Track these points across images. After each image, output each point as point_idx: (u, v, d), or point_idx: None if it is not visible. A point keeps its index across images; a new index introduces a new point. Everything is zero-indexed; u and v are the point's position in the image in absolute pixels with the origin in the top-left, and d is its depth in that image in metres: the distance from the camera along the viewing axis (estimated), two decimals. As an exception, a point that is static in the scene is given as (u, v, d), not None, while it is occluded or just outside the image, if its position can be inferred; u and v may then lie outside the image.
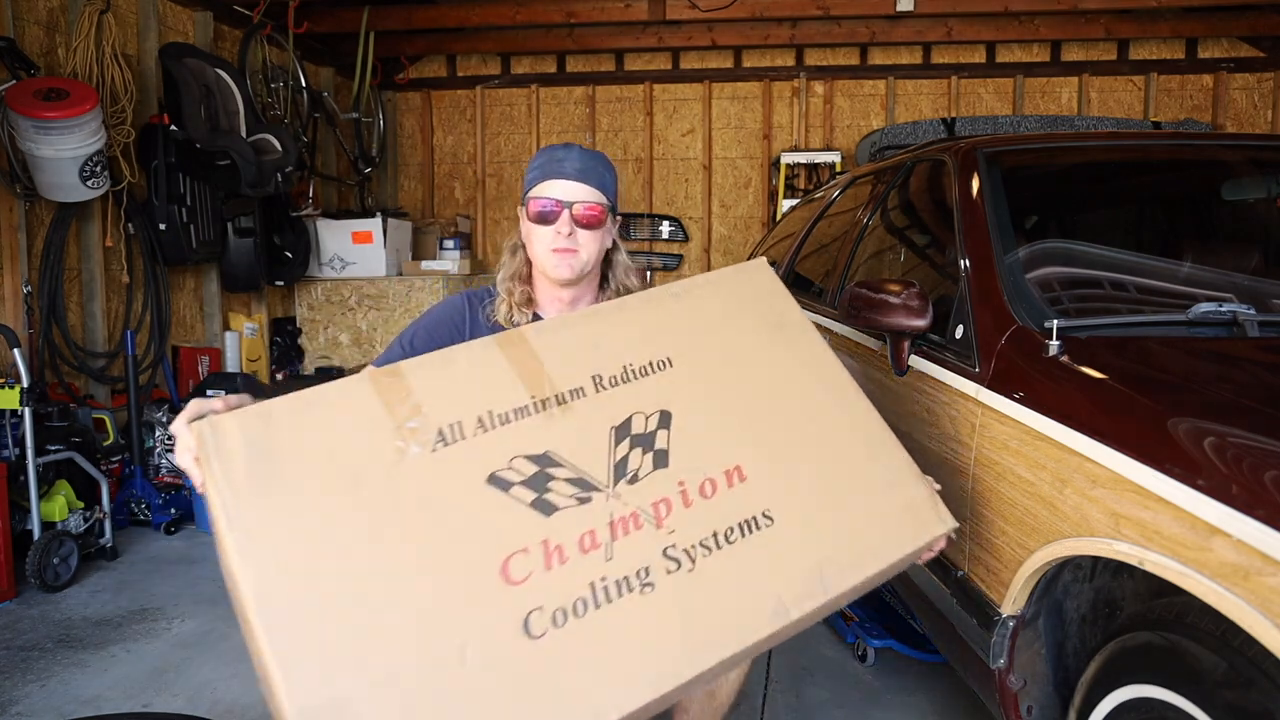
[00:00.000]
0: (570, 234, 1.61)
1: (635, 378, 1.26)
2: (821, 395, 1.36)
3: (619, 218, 1.74)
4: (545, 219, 1.63)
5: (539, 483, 1.12)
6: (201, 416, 1.08)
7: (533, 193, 1.66)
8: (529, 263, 1.72)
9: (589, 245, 1.64)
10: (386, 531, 1.04)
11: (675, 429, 1.23)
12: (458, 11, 6.08)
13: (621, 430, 1.20)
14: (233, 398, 1.17)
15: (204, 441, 1.04)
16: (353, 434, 1.09)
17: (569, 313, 1.63)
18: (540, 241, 1.64)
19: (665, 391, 1.26)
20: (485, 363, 1.20)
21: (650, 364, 1.28)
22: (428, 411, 1.12)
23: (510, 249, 1.75)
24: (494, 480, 1.10)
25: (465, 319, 1.70)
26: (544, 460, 1.14)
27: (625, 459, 1.18)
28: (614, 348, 1.28)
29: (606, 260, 1.74)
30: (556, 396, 1.20)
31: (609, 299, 1.64)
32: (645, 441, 1.21)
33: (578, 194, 1.62)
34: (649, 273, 7.02)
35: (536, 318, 1.69)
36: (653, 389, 1.26)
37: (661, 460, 1.20)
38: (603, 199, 1.64)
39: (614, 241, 1.74)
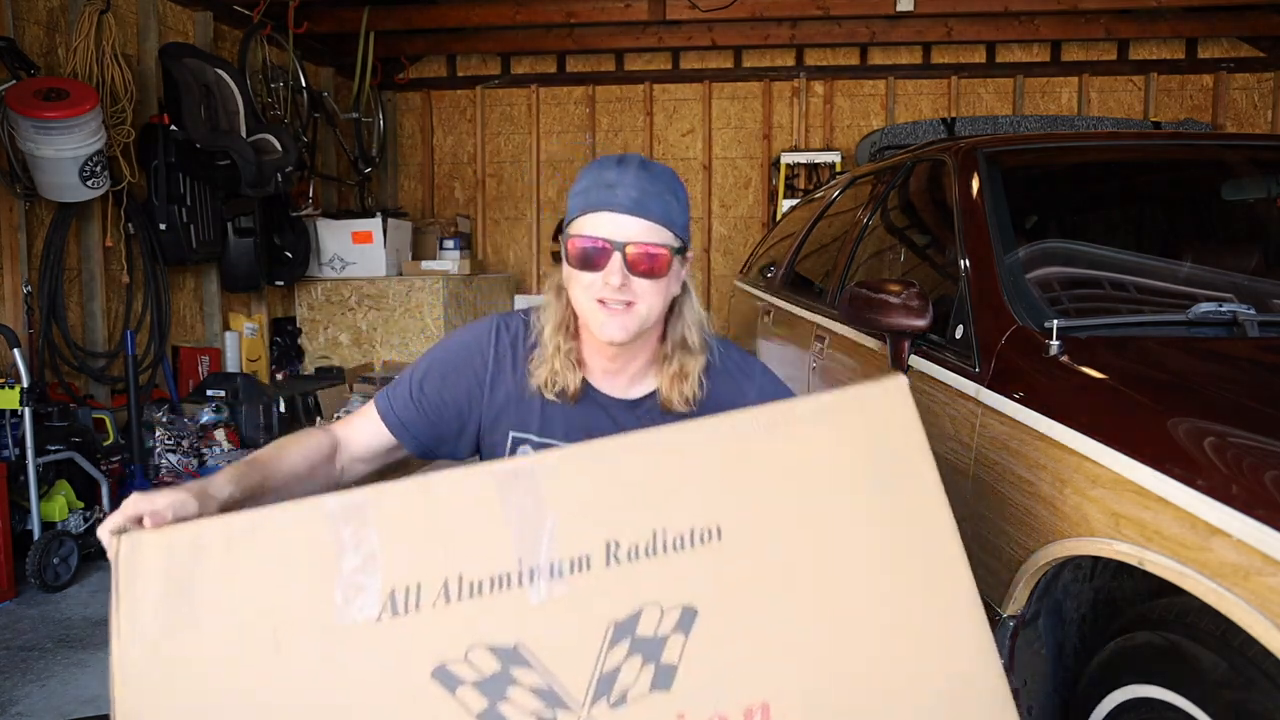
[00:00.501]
0: (622, 284, 1.23)
1: (664, 551, 0.94)
2: (922, 614, 0.98)
3: (689, 254, 1.34)
4: (590, 263, 1.24)
5: (496, 687, 0.88)
6: (139, 518, 0.97)
7: (574, 226, 1.28)
8: (575, 311, 1.34)
9: (648, 297, 1.26)
10: (296, 716, 0.87)
11: (696, 636, 0.92)
12: (458, 11, 6.08)
13: (623, 628, 0.91)
14: (179, 498, 1.02)
15: (120, 563, 0.89)
16: (289, 582, 0.90)
17: (612, 375, 1.36)
18: (584, 290, 1.26)
19: (698, 578, 0.94)
20: (474, 503, 0.94)
21: (691, 533, 0.95)
22: (385, 563, 0.90)
23: (554, 289, 1.36)
24: (441, 674, 0.88)
25: (489, 362, 1.38)
26: (510, 656, 0.89)
27: (616, 671, 0.90)
28: (650, 501, 0.96)
29: (671, 307, 1.35)
30: (552, 566, 0.92)
31: (681, 362, 1.34)
32: (650, 649, 0.91)
33: (633, 231, 1.23)
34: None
35: (587, 387, 1.37)
36: (683, 572, 0.94)
37: (664, 679, 0.90)
38: (668, 236, 1.26)
39: (684, 284, 1.36)
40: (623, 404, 1.38)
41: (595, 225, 1.24)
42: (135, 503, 0.99)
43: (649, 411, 1.38)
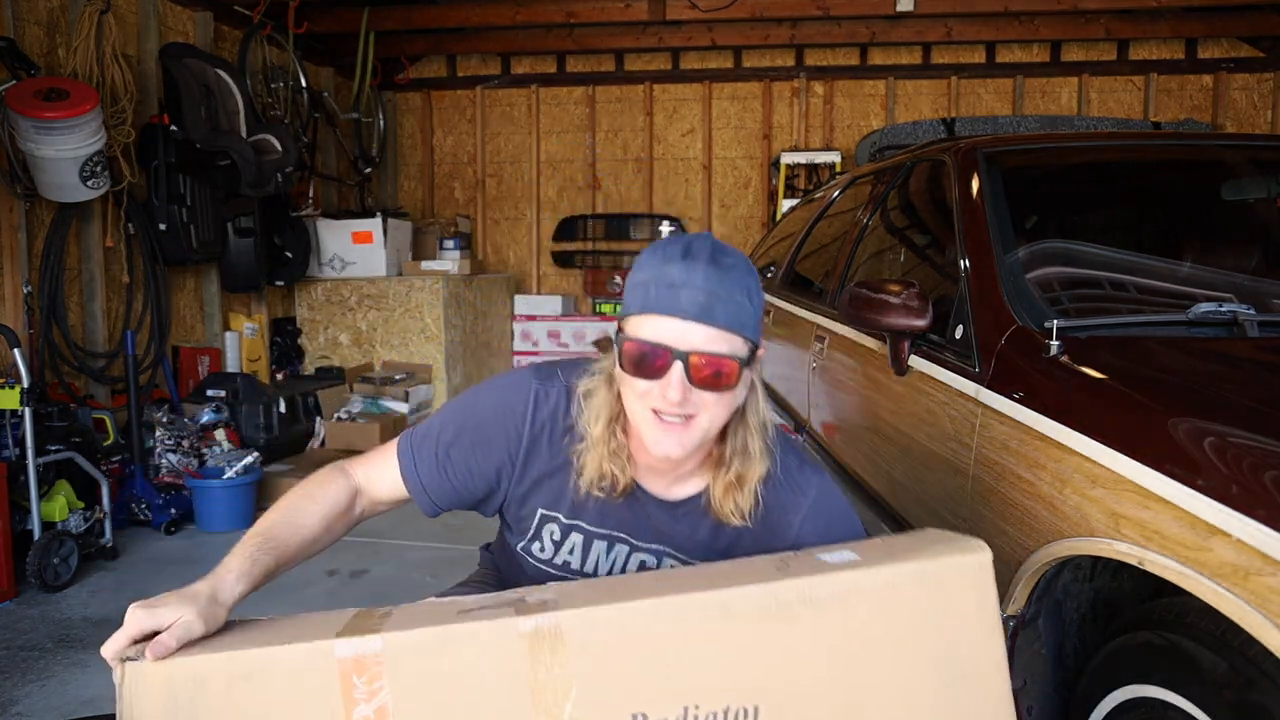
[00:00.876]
0: (683, 398, 1.09)
1: None
2: None
3: (762, 350, 1.18)
4: (647, 370, 1.10)
5: None
6: (143, 637, 0.92)
7: (630, 325, 1.12)
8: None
9: (711, 409, 1.12)
10: None
11: None
12: (458, 11, 6.08)
13: None
14: (186, 619, 0.94)
15: (122, 692, 0.87)
16: None
17: (667, 479, 1.23)
18: (639, 398, 1.13)
19: None
20: (497, 662, 0.86)
21: (725, 712, 0.87)
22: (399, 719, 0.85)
23: (603, 377, 1.22)
24: None
25: (524, 436, 1.25)
26: None
27: None
28: (683, 674, 0.88)
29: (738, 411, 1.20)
30: None
31: (723, 468, 1.21)
32: None
33: (698, 339, 1.08)
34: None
35: (637, 489, 1.25)
36: None
37: None
38: (737, 344, 1.11)
39: (752, 381, 1.20)
40: (663, 504, 1.26)
41: (655, 329, 1.09)
42: (139, 621, 0.93)
43: (689, 514, 1.26)
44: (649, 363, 1.10)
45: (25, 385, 3.25)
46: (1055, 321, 1.54)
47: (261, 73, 5.54)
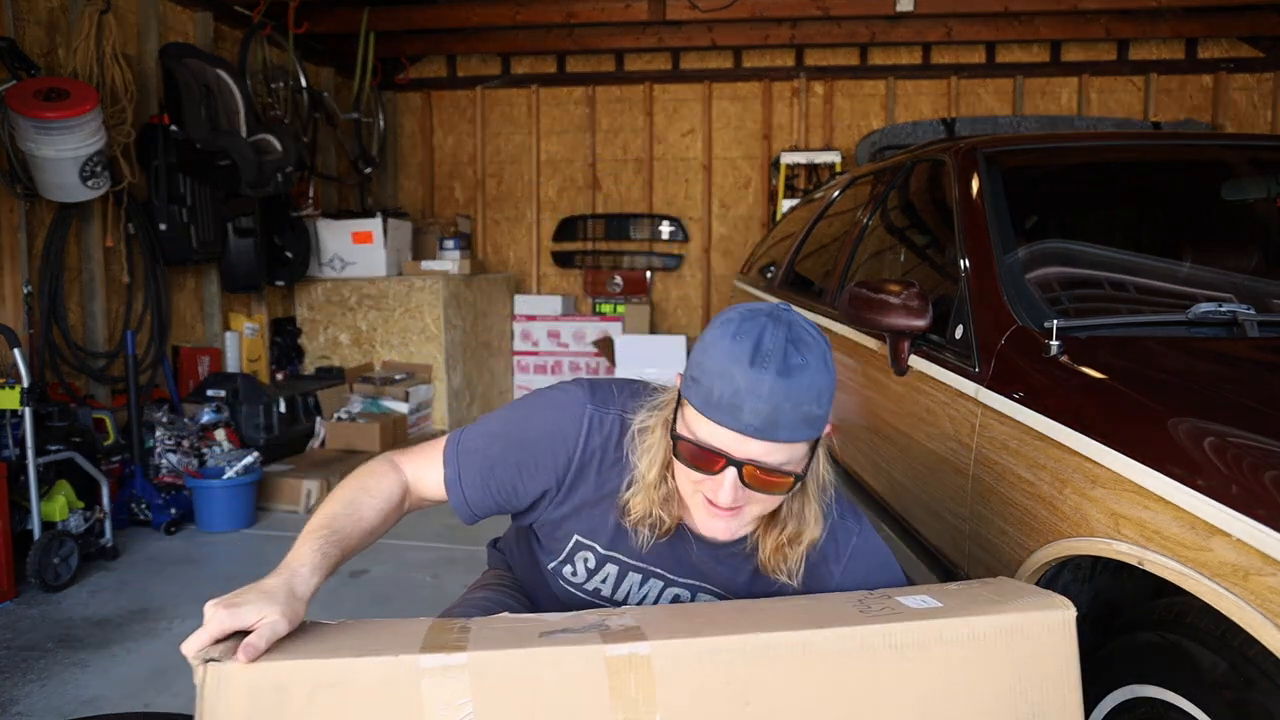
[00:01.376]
0: (733, 498, 1.08)
1: None
2: None
3: (830, 427, 1.14)
4: (699, 466, 1.09)
5: None
6: (225, 636, 0.92)
7: (689, 416, 1.09)
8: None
9: (763, 504, 1.12)
10: None
11: None
12: (458, 12, 6.08)
13: None
14: (270, 619, 0.94)
15: (204, 695, 0.87)
16: None
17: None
18: (690, 484, 1.13)
19: None
20: (582, 686, 0.87)
21: None
22: None
23: (661, 419, 1.19)
24: None
25: (574, 463, 1.23)
26: None
27: None
28: (771, 708, 0.89)
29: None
30: None
31: (776, 525, 1.19)
32: None
33: (757, 452, 1.05)
34: (649, 273, 7.02)
35: (682, 527, 1.23)
36: None
37: None
38: (800, 452, 1.09)
39: (816, 451, 1.14)
40: (707, 544, 1.23)
41: (713, 434, 1.06)
42: (221, 621, 0.92)
43: (732, 558, 1.25)
44: (703, 463, 1.08)
45: (25, 385, 3.25)
46: (1055, 321, 1.54)
47: (261, 73, 5.53)
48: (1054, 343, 1.51)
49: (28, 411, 3.24)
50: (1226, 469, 1.08)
